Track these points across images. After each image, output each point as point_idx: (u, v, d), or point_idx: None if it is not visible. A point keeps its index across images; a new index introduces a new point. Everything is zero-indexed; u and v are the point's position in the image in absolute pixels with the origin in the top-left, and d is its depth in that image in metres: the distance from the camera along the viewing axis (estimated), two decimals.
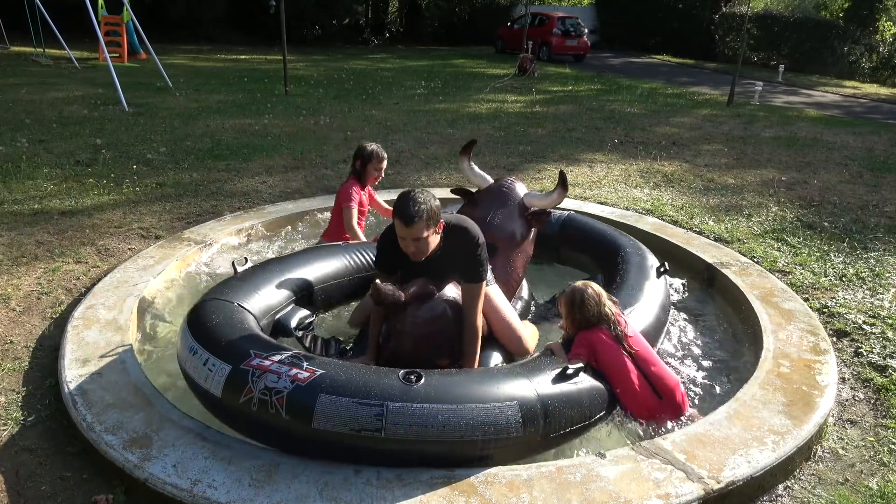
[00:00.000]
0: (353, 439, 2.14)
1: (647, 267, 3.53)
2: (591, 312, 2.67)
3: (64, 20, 14.79)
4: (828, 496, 2.33)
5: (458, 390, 2.24)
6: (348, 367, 2.30)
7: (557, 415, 2.36)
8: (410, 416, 2.13)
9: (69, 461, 2.37)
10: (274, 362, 2.28)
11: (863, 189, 6.47)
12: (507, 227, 3.27)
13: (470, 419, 2.17)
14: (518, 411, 2.26)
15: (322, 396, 2.14)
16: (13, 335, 3.17)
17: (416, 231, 2.50)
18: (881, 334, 3.45)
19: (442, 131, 8.80)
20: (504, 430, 2.22)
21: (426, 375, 2.26)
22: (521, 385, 2.35)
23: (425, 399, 2.17)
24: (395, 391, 2.17)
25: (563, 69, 18.98)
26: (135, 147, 7.06)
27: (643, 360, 2.65)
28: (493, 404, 2.23)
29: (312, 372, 2.22)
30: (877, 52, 22.00)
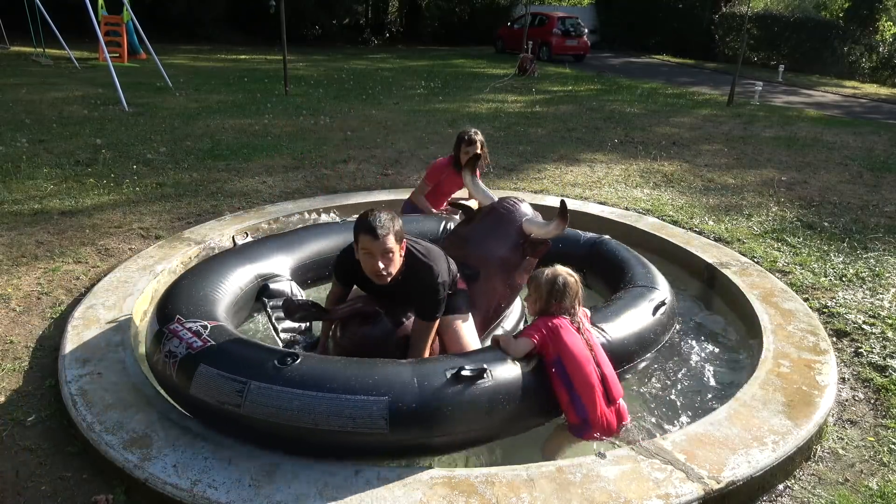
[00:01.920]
0: (217, 411, 2.26)
1: (643, 298, 3.18)
2: (567, 303, 2.55)
3: (64, 20, 14.79)
4: (828, 496, 2.33)
5: (326, 377, 2.20)
6: (243, 343, 2.44)
7: (440, 418, 2.19)
8: (269, 397, 2.16)
9: (69, 461, 2.37)
10: (185, 329, 2.48)
11: (863, 189, 6.47)
12: (496, 253, 2.99)
13: (329, 409, 2.13)
14: (386, 407, 2.14)
15: (202, 366, 2.30)
16: (13, 335, 3.17)
17: (385, 242, 2.43)
18: (881, 334, 3.45)
19: (442, 131, 8.80)
20: (365, 424, 2.13)
21: (304, 359, 2.28)
22: (400, 380, 2.21)
23: (288, 382, 2.18)
24: (261, 370, 2.23)
25: (563, 69, 18.99)
26: (135, 147, 7.06)
27: (598, 359, 2.52)
28: (358, 397, 2.15)
29: (205, 343, 2.39)
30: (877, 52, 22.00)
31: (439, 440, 2.27)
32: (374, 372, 2.25)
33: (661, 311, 3.13)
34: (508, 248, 3.00)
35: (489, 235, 3.04)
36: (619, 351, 2.80)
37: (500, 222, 3.06)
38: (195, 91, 11.49)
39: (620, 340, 2.85)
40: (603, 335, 2.78)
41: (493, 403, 2.31)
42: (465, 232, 3.13)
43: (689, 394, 3.14)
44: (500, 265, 3.00)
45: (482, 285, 2.98)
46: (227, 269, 3.16)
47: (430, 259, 2.62)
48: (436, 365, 2.34)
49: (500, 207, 3.11)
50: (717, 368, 3.37)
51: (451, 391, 2.24)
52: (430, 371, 2.29)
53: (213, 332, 2.48)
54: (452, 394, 2.23)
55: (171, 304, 2.72)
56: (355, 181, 6.06)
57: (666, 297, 3.24)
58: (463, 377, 2.27)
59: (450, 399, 2.22)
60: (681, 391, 3.16)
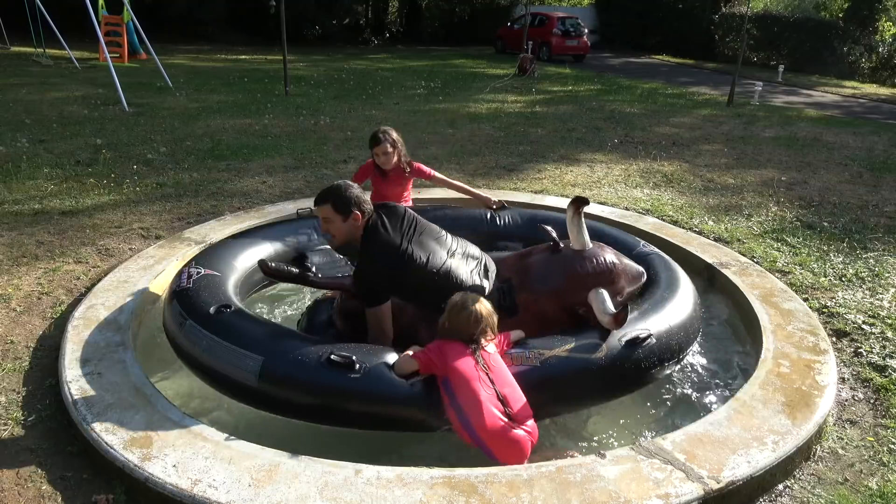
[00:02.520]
0: (170, 338, 2.92)
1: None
2: (469, 330, 2.48)
3: (64, 20, 14.79)
4: (828, 496, 2.33)
5: (231, 330, 2.65)
6: (207, 290, 2.95)
7: (300, 388, 2.46)
8: (193, 334, 2.71)
9: (69, 461, 2.37)
10: (187, 271, 3.14)
11: (863, 189, 6.47)
12: (543, 300, 2.84)
13: (221, 354, 2.58)
14: (259, 365, 2.48)
15: (174, 302, 2.92)
16: (13, 335, 3.17)
17: (322, 211, 2.77)
18: (881, 334, 3.45)
19: (442, 131, 8.80)
20: (240, 374, 2.51)
21: (234, 313, 2.76)
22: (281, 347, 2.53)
23: (206, 325, 2.69)
24: (199, 312, 2.77)
25: (563, 69, 18.99)
26: (135, 147, 7.07)
27: (496, 379, 2.41)
28: (243, 351, 2.54)
29: (188, 285, 2.99)
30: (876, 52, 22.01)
31: (297, 407, 2.51)
32: (265, 334, 2.62)
33: (638, 349, 2.74)
34: (559, 303, 2.84)
35: (551, 283, 2.85)
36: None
37: (576, 276, 2.83)
38: (195, 91, 11.49)
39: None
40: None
41: (354, 395, 2.44)
42: (538, 266, 2.93)
43: (689, 394, 3.14)
44: (541, 319, 2.84)
45: (518, 323, 2.83)
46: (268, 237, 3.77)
47: (375, 245, 2.71)
48: (322, 346, 2.55)
49: (592, 260, 2.87)
50: (717, 368, 3.37)
51: (315, 369, 2.45)
52: (311, 349, 2.52)
53: (199, 279, 3.03)
54: (316, 372, 2.44)
55: (202, 253, 3.45)
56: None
57: (650, 335, 2.78)
58: (332, 361, 2.44)
59: (312, 376, 2.45)
60: (681, 391, 3.17)
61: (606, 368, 2.62)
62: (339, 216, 2.74)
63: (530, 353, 2.58)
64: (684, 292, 3.22)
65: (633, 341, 2.71)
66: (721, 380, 3.26)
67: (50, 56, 14.54)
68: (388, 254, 2.69)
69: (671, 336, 2.87)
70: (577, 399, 2.72)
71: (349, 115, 9.78)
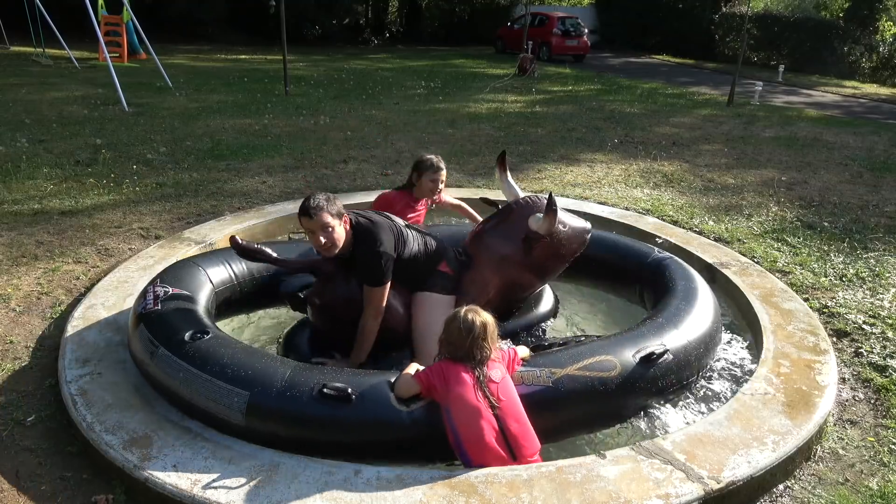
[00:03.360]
0: (139, 365, 2.69)
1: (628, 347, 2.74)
2: (455, 340, 2.33)
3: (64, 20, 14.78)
4: (828, 496, 2.33)
5: (209, 359, 2.41)
6: (178, 313, 2.73)
7: (293, 424, 2.27)
8: (167, 364, 2.48)
9: (69, 461, 2.37)
10: (153, 290, 2.88)
11: (863, 189, 6.47)
12: (492, 244, 3.00)
13: (201, 387, 2.36)
14: (245, 402, 2.29)
15: (141, 325, 2.68)
16: (13, 335, 3.17)
17: (321, 219, 2.66)
18: (881, 334, 3.45)
19: (442, 131, 8.80)
20: (224, 412, 2.32)
21: (211, 339, 2.52)
22: (269, 380, 2.31)
23: (183, 356, 2.46)
24: (172, 340, 2.53)
25: (563, 69, 18.98)
26: (135, 147, 7.06)
27: (504, 415, 2.26)
28: (226, 385, 2.33)
29: (155, 306, 2.77)
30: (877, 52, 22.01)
31: (292, 441, 2.30)
32: (251, 365, 2.39)
33: (653, 366, 2.64)
34: (509, 243, 2.96)
35: (496, 230, 3.06)
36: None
37: (512, 217, 3.04)
38: (195, 91, 11.49)
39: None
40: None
41: (351, 427, 2.28)
42: (482, 225, 3.18)
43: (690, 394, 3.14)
44: (497, 258, 2.99)
45: (473, 274, 3.01)
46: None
47: (373, 228, 2.81)
48: (311, 374, 2.36)
49: (516, 203, 3.10)
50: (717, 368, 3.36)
51: (309, 404, 2.27)
52: (301, 379, 2.33)
53: (167, 298, 2.81)
54: (309, 406, 2.27)
55: (166, 271, 3.15)
56: (355, 181, 6.06)
57: (666, 350, 2.69)
58: (325, 394, 2.26)
59: (306, 411, 2.27)
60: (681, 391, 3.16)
61: (621, 387, 2.50)
62: (336, 220, 2.73)
63: (541, 372, 2.45)
64: (703, 302, 3.06)
65: (647, 357, 2.59)
66: (721, 380, 3.25)
67: (49, 56, 14.53)
68: (388, 233, 2.84)
69: (689, 352, 2.74)
70: (590, 420, 2.59)
71: (349, 115, 9.78)
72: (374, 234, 2.79)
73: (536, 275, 3.07)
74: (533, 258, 2.96)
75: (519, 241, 2.94)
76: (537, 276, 3.08)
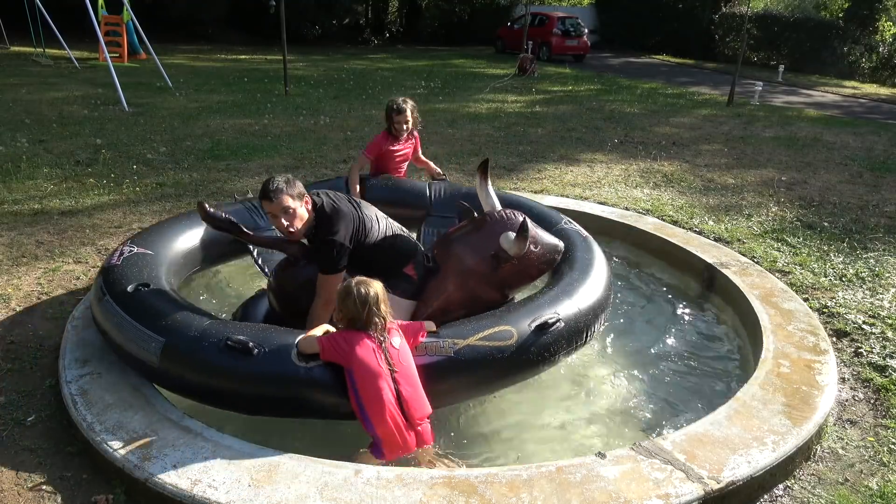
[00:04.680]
0: (91, 310, 2.95)
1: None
2: (353, 313, 2.44)
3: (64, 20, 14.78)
4: (828, 496, 2.33)
5: (141, 308, 2.66)
6: (133, 267, 2.94)
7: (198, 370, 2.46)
8: (107, 310, 2.72)
9: (69, 461, 2.37)
10: (119, 249, 3.12)
11: (863, 189, 6.47)
12: (460, 255, 2.96)
13: (129, 331, 2.60)
14: (161, 346, 2.49)
15: (100, 277, 2.92)
16: (13, 335, 3.17)
17: (282, 202, 2.71)
18: (881, 334, 3.45)
19: (442, 131, 8.80)
20: (143, 353, 2.54)
21: (152, 291, 2.78)
22: (184, 329, 2.52)
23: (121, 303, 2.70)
24: (117, 290, 2.77)
25: (563, 69, 18.98)
26: (135, 147, 7.06)
27: (400, 378, 2.40)
28: (147, 331, 2.55)
29: (116, 262, 2.98)
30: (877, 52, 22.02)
31: (197, 390, 2.52)
32: (172, 315, 2.60)
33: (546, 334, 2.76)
34: (477, 257, 2.92)
35: (467, 240, 3.00)
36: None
37: (484, 230, 2.98)
38: (195, 91, 11.49)
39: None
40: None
41: (251, 379, 2.42)
42: (453, 232, 3.14)
43: (689, 394, 3.15)
44: (462, 271, 2.93)
45: (438, 283, 2.98)
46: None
47: (333, 215, 2.81)
48: (225, 327, 2.55)
49: (490, 216, 3.04)
50: (717, 368, 3.37)
51: (213, 352, 2.43)
52: (213, 330, 2.51)
53: (129, 257, 3.03)
54: (213, 355, 2.43)
55: (139, 234, 3.39)
56: None
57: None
58: (229, 346, 2.42)
59: (209, 359, 2.44)
60: (681, 391, 3.17)
61: (517, 353, 2.65)
62: (297, 202, 2.76)
63: (444, 342, 2.58)
64: (597, 274, 3.24)
65: (542, 326, 2.73)
66: (721, 380, 3.26)
67: (49, 56, 14.53)
68: (348, 221, 2.83)
69: (579, 319, 2.90)
70: (489, 384, 2.74)
71: (349, 115, 9.78)
72: (332, 222, 2.78)
73: (499, 291, 3.02)
74: (498, 276, 2.93)
75: (487, 257, 2.90)
76: (499, 292, 3.03)
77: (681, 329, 3.76)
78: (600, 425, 2.91)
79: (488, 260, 2.89)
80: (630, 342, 3.59)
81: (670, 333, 3.70)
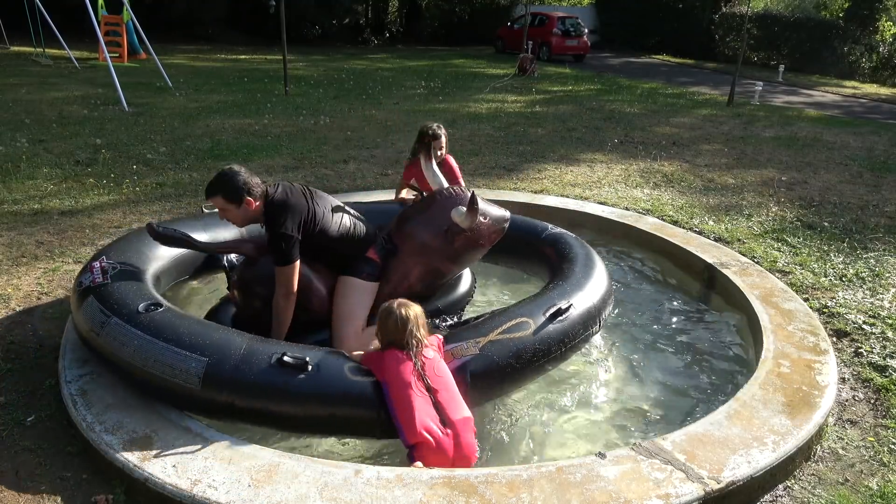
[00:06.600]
0: (85, 339, 2.67)
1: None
2: (392, 334, 2.51)
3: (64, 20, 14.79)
4: (828, 496, 2.33)
5: (167, 329, 2.46)
6: (130, 287, 2.75)
7: (250, 392, 2.33)
8: (119, 333, 2.49)
9: (69, 461, 2.37)
10: (99, 266, 2.86)
11: (863, 189, 6.47)
12: (418, 235, 3.05)
13: (158, 354, 2.40)
14: (203, 367, 2.34)
15: (90, 297, 2.68)
16: (13, 335, 3.17)
17: (215, 202, 2.83)
18: (881, 334, 3.45)
19: None
20: (181, 377, 2.35)
21: (165, 311, 2.57)
22: (228, 348, 2.39)
23: (138, 325, 2.49)
24: (126, 310, 2.56)
25: (563, 69, 18.98)
26: (135, 147, 7.06)
27: (436, 386, 2.43)
28: (184, 351, 2.38)
29: (104, 280, 2.77)
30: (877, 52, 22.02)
31: (248, 412, 2.38)
32: (209, 334, 2.46)
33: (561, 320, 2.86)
34: (431, 233, 3.02)
35: (419, 218, 3.10)
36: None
37: (434, 207, 3.09)
38: (195, 91, 11.49)
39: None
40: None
41: (307, 397, 2.37)
42: (407, 212, 3.22)
43: (690, 394, 3.15)
44: (419, 247, 3.04)
45: (396, 262, 3.06)
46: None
47: (280, 207, 2.85)
48: (268, 346, 2.46)
49: (440, 194, 3.15)
50: (717, 368, 3.37)
51: (267, 371, 2.35)
52: (259, 349, 2.42)
53: (117, 274, 2.83)
54: (268, 374, 2.35)
55: (110, 247, 3.16)
56: (355, 181, 6.07)
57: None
58: (284, 363, 2.36)
59: (263, 378, 2.34)
60: (681, 391, 3.17)
61: (539, 342, 2.70)
62: (231, 205, 2.82)
63: (467, 343, 2.63)
64: (599, 268, 3.35)
65: (556, 313, 2.81)
66: (721, 380, 3.26)
67: (49, 56, 14.54)
68: (296, 215, 2.86)
69: (590, 307, 3.00)
70: (519, 377, 2.75)
71: (349, 115, 9.78)
72: (278, 214, 2.83)
73: (455, 263, 3.16)
74: (453, 248, 3.05)
75: (441, 232, 3.01)
76: (456, 264, 3.17)
77: (681, 329, 3.76)
78: (600, 425, 2.91)
79: (442, 234, 3.00)
80: (630, 342, 3.59)
81: (670, 333, 3.70)
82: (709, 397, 3.09)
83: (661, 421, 2.92)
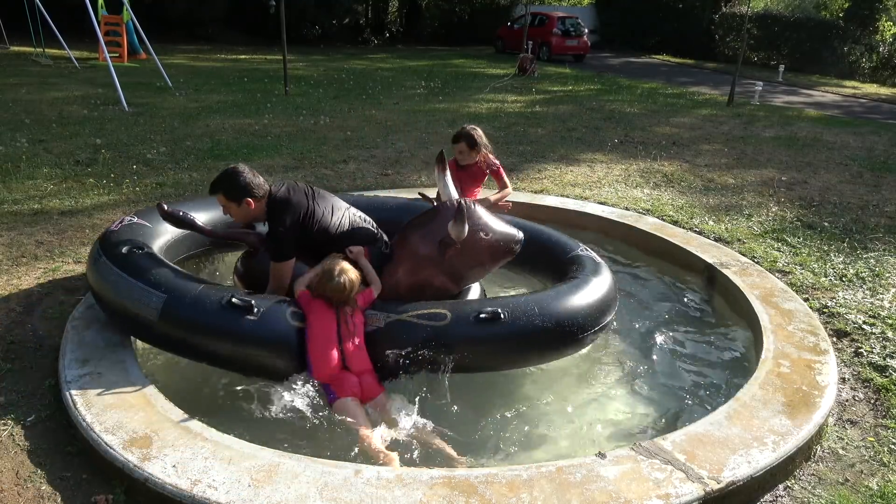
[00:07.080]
0: (87, 271, 3.05)
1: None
2: (330, 296, 2.78)
3: (64, 20, 14.79)
4: (828, 496, 2.33)
5: (139, 268, 2.82)
6: (133, 233, 3.11)
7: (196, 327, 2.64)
8: (103, 269, 2.88)
9: (69, 461, 2.37)
10: (122, 218, 3.29)
11: (863, 189, 6.47)
12: (411, 242, 3.02)
13: (126, 287, 2.76)
14: (162, 301, 2.66)
15: (99, 243, 3.07)
16: (13, 335, 3.17)
17: (217, 199, 2.98)
18: (881, 334, 3.45)
19: (442, 131, 8.79)
20: (141, 307, 2.69)
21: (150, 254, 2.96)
22: (186, 288, 2.70)
23: (117, 263, 2.86)
24: (114, 251, 2.92)
25: (563, 69, 18.98)
26: (135, 147, 7.06)
27: (346, 335, 2.76)
28: (147, 287, 2.71)
29: (117, 228, 3.15)
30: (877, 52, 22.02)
31: (195, 348, 2.71)
32: (172, 277, 2.78)
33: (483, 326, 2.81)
34: (425, 244, 2.98)
35: (420, 228, 3.06)
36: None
37: (437, 219, 3.02)
38: (195, 91, 11.49)
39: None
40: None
41: (247, 337, 2.64)
42: (413, 220, 3.18)
43: (689, 394, 3.15)
44: (411, 256, 3.02)
45: (389, 268, 3.06)
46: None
47: (281, 205, 2.95)
48: (224, 292, 2.73)
49: (444, 206, 3.09)
50: (717, 368, 3.37)
51: (213, 310, 2.64)
52: (213, 293, 2.71)
53: (127, 224, 3.20)
54: (213, 312, 2.63)
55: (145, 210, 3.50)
56: (355, 181, 6.07)
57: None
58: (232, 304, 2.62)
59: (209, 316, 2.63)
60: (681, 391, 3.17)
61: (444, 337, 2.74)
62: (232, 203, 2.95)
63: (380, 314, 2.82)
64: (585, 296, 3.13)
65: (477, 317, 2.77)
66: (721, 380, 3.26)
67: (49, 56, 14.53)
68: (295, 213, 2.95)
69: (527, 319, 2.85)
70: (419, 363, 2.77)
71: (349, 115, 9.78)
72: (279, 211, 2.93)
73: (451, 279, 3.04)
74: (447, 262, 2.96)
75: (436, 244, 2.95)
76: (452, 280, 3.05)
77: (680, 329, 3.76)
78: (600, 425, 2.91)
79: (435, 246, 2.97)
80: (629, 342, 3.59)
81: (670, 333, 3.70)
82: (709, 397, 3.09)
83: (661, 421, 2.92)
